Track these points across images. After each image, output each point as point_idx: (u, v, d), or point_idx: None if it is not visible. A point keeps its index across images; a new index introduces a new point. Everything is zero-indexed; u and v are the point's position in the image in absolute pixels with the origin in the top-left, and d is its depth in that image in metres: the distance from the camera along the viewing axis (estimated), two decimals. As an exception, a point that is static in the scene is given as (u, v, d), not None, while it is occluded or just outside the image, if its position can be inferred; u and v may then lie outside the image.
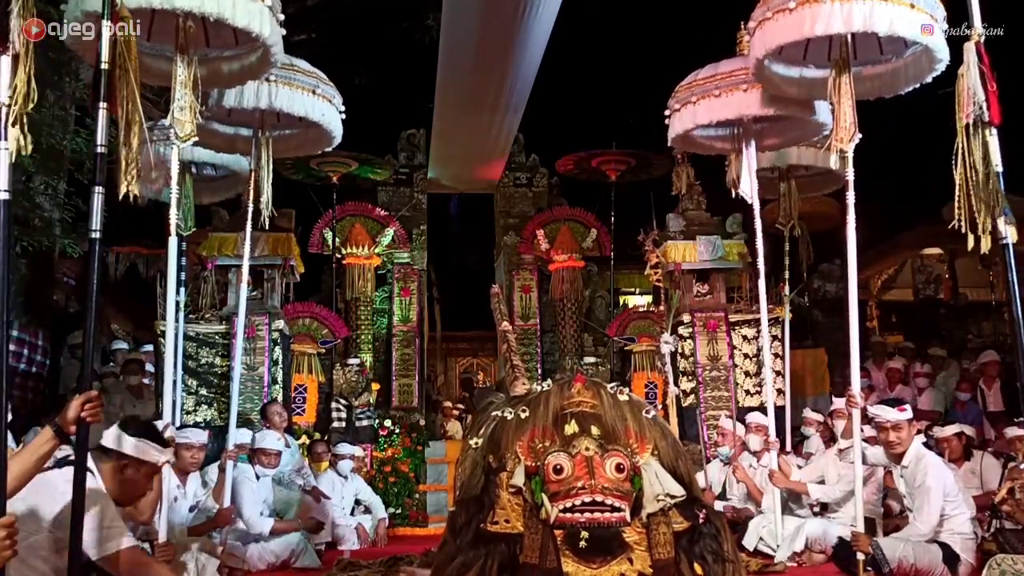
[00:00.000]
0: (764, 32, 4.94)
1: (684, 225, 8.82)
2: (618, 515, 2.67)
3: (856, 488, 4.85)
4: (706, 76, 5.96)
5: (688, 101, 6.01)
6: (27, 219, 8.03)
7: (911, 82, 5.20)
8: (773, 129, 6.46)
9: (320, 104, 5.78)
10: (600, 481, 2.69)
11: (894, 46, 5.17)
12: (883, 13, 4.49)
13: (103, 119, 3.11)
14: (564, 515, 2.67)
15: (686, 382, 8.42)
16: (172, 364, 5.30)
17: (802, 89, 5.53)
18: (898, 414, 5.03)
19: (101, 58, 3.12)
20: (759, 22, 4.98)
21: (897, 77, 5.26)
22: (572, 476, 2.72)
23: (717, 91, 5.85)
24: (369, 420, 9.20)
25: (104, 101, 3.11)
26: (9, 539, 2.55)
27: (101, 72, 3.12)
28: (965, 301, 13.59)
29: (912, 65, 5.13)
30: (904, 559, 4.77)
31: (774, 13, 4.83)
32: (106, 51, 3.14)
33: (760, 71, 5.32)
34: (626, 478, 2.75)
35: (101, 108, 3.11)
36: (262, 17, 4.56)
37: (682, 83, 6.14)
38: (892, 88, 5.34)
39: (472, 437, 3.40)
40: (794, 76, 5.48)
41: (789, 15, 4.73)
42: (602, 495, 2.66)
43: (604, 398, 2.98)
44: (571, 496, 2.68)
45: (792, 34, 4.79)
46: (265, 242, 8.23)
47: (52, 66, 7.96)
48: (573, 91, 14.42)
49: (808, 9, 4.64)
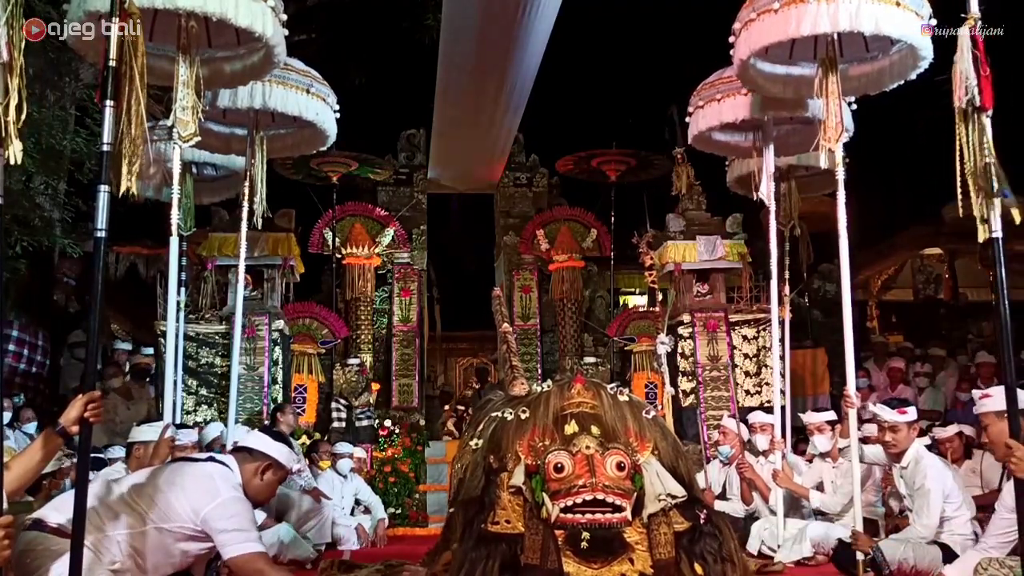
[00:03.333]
0: (750, 33, 4.94)
1: (684, 225, 8.81)
2: (619, 515, 2.67)
3: (855, 488, 4.85)
4: (732, 75, 5.90)
5: (712, 99, 5.98)
6: (27, 219, 8.02)
7: (896, 79, 5.23)
8: (794, 132, 6.45)
9: (314, 103, 5.78)
10: (601, 479, 2.69)
11: (879, 44, 5.19)
12: (869, 12, 4.51)
13: (110, 116, 3.08)
14: (565, 515, 2.67)
15: (686, 382, 8.41)
16: (172, 364, 5.30)
17: (788, 88, 5.54)
18: (896, 416, 5.02)
19: (109, 55, 3.11)
20: (744, 23, 4.98)
21: (883, 75, 5.29)
22: (573, 474, 2.72)
23: (744, 90, 5.84)
24: (369, 420, 9.20)
25: (111, 99, 3.09)
26: (8, 539, 2.55)
27: (108, 69, 3.10)
28: (965, 301, 13.60)
29: (898, 63, 5.16)
30: (904, 561, 4.76)
31: (759, 14, 4.84)
32: (114, 48, 3.12)
33: (744, 72, 5.31)
34: (627, 476, 2.75)
35: (108, 106, 3.09)
36: (264, 17, 4.56)
37: (706, 81, 6.12)
38: (878, 85, 5.37)
39: (471, 437, 3.40)
40: (780, 75, 5.48)
41: (774, 15, 4.74)
42: (603, 493, 2.66)
43: (604, 399, 2.99)
44: (572, 494, 2.68)
45: (778, 34, 4.80)
46: (265, 242, 8.23)
47: (52, 66, 7.96)
48: (573, 91, 14.43)
49: (794, 9, 4.65)
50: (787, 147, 6.58)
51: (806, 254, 8.48)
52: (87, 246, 10.27)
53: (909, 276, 15.68)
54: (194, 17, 4.56)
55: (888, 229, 15.04)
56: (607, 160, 10.78)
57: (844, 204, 4.91)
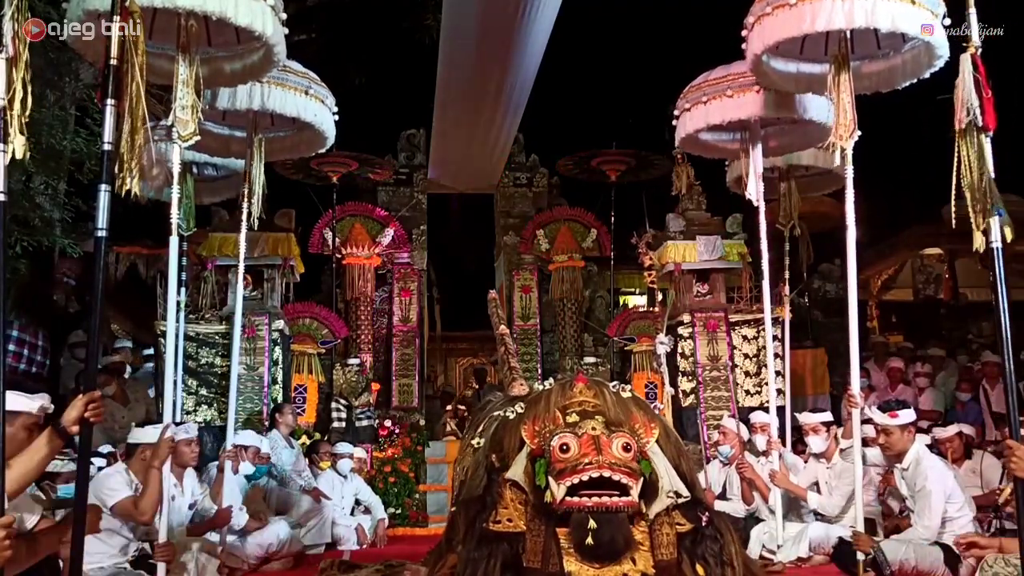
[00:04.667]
0: (763, 28, 4.90)
1: (684, 225, 8.81)
2: (626, 499, 2.62)
3: (856, 487, 4.84)
4: (718, 76, 5.92)
5: (699, 101, 5.96)
6: (27, 219, 8.01)
7: (909, 77, 5.17)
8: (782, 132, 6.44)
9: (313, 105, 5.77)
10: (607, 457, 2.66)
11: (892, 41, 5.14)
12: (885, 9, 4.46)
13: (111, 116, 3.09)
14: (571, 498, 2.63)
15: (686, 382, 8.41)
16: (172, 364, 5.29)
17: (800, 84, 5.51)
18: (888, 419, 5.02)
19: (110, 54, 3.12)
20: (758, 17, 4.93)
21: (895, 72, 5.24)
22: (579, 453, 2.69)
23: (730, 91, 5.82)
24: (369, 420, 9.19)
25: (112, 98, 3.09)
26: (8, 539, 2.54)
27: (109, 68, 3.11)
28: (965, 301, 13.59)
29: (911, 61, 5.10)
30: (906, 561, 4.75)
31: (773, 8, 4.78)
32: (115, 47, 3.13)
33: (758, 67, 5.28)
34: (633, 458, 2.72)
35: (109, 104, 3.09)
36: (264, 16, 4.55)
37: (692, 83, 6.10)
38: (890, 83, 5.32)
39: (472, 437, 3.39)
40: (791, 71, 5.45)
41: (789, 10, 4.69)
42: (609, 470, 2.63)
43: (606, 396, 2.97)
44: (578, 472, 2.64)
45: (792, 30, 4.75)
46: (265, 242, 8.23)
47: (52, 66, 7.94)
48: (573, 91, 14.43)
49: (808, 5, 4.60)
50: (775, 148, 6.57)
51: (806, 254, 8.47)
52: (87, 246, 10.27)
53: (909, 276, 15.66)
54: (194, 16, 4.56)
55: (888, 229, 15.03)
56: (607, 160, 10.79)
57: (852, 203, 4.87)
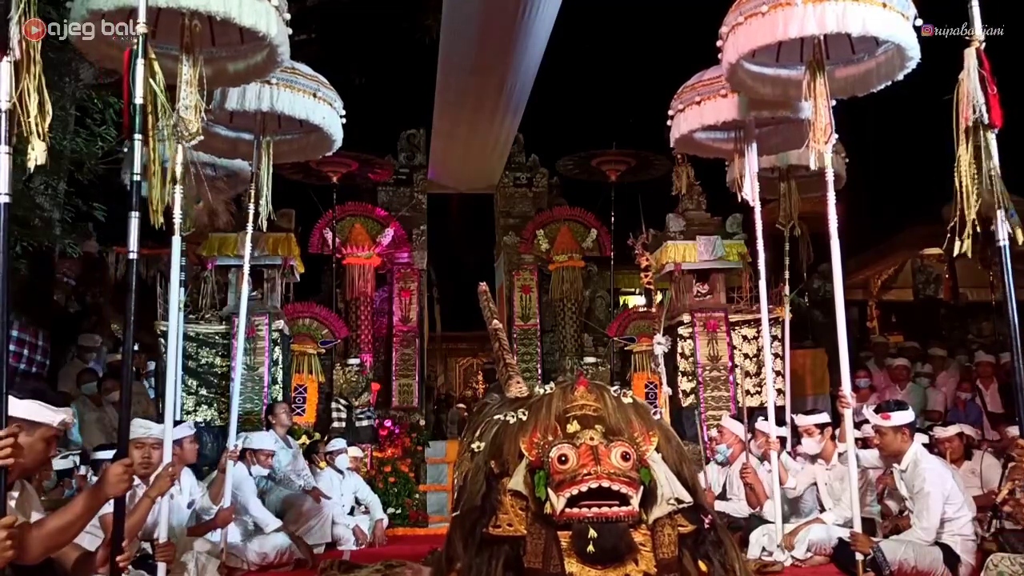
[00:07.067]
0: (737, 36, 4.94)
1: (684, 225, 8.82)
2: (627, 508, 2.62)
3: (852, 487, 4.84)
4: (712, 77, 5.93)
5: (693, 102, 5.98)
6: (27, 219, 8.01)
7: (884, 80, 5.22)
8: (775, 132, 6.46)
9: (321, 107, 5.77)
10: (606, 467, 2.66)
11: (866, 45, 5.20)
12: (856, 13, 4.51)
13: (139, 150, 3.46)
14: (571, 510, 2.63)
15: (686, 382, 8.41)
16: (173, 364, 5.29)
17: (776, 89, 5.54)
18: (880, 420, 5.04)
19: (134, 93, 3.48)
20: (732, 27, 4.98)
21: (870, 75, 5.29)
22: (577, 464, 2.69)
23: (724, 91, 5.84)
24: (369, 420, 9.19)
25: (140, 133, 3.46)
26: (9, 539, 2.54)
27: (133, 107, 3.47)
28: (965, 301, 13.57)
29: (885, 63, 5.15)
30: (905, 561, 4.77)
31: (746, 17, 4.83)
32: (140, 86, 3.48)
33: (733, 75, 5.31)
34: (632, 467, 2.72)
35: (136, 139, 3.46)
36: (268, 16, 4.54)
37: (686, 84, 6.12)
38: (865, 86, 5.37)
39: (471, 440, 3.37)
40: (768, 76, 5.49)
41: (762, 18, 4.74)
42: (608, 480, 2.62)
43: (608, 401, 2.96)
44: (577, 483, 2.64)
45: (765, 37, 4.79)
46: (265, 242, 8.23)
47: (52, 66, 7.94)
48: (573, 91, 14.43)
49: (781, 12, 4.65)
50: (770, 147, 6.58)
51: (806, 254, 8.48)
52: (86, 246, 10.28)
53: (909, 276, 15.66)
54: (198, 16, 4.55)
55: (889, 229, 15.04)
56: (607, 160, 10.79)
57: (834, 204, 4.92)
